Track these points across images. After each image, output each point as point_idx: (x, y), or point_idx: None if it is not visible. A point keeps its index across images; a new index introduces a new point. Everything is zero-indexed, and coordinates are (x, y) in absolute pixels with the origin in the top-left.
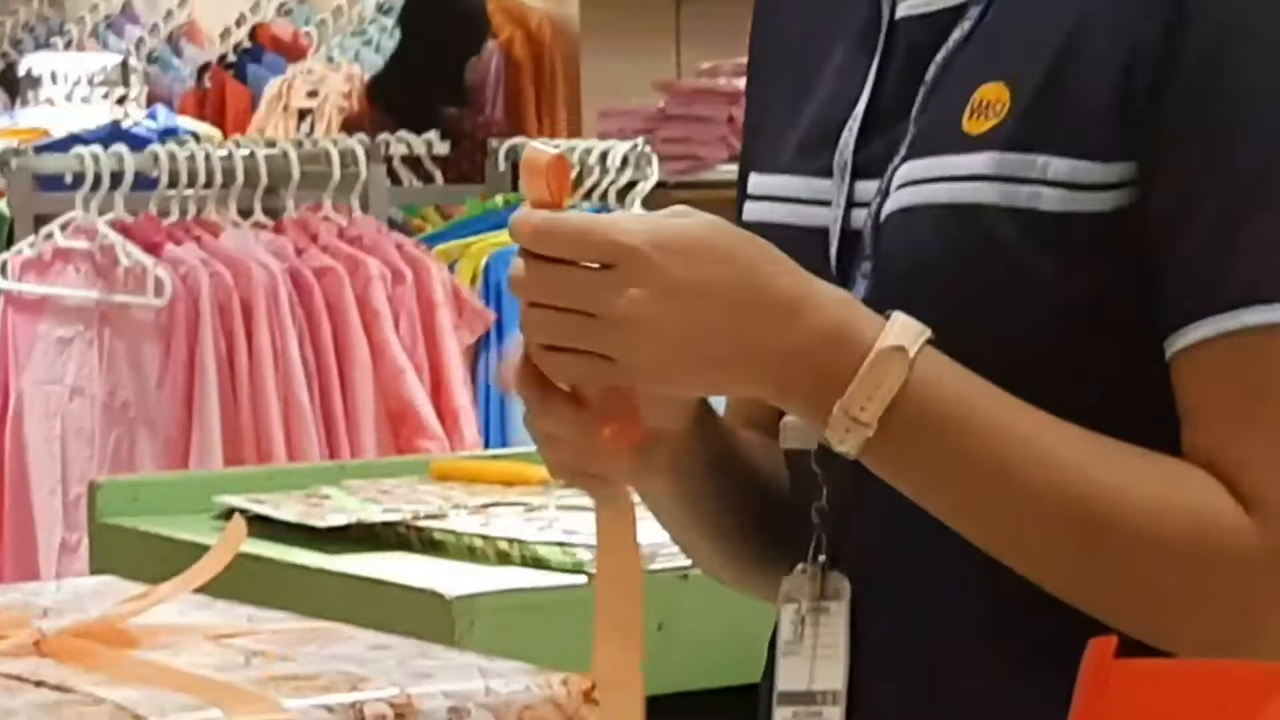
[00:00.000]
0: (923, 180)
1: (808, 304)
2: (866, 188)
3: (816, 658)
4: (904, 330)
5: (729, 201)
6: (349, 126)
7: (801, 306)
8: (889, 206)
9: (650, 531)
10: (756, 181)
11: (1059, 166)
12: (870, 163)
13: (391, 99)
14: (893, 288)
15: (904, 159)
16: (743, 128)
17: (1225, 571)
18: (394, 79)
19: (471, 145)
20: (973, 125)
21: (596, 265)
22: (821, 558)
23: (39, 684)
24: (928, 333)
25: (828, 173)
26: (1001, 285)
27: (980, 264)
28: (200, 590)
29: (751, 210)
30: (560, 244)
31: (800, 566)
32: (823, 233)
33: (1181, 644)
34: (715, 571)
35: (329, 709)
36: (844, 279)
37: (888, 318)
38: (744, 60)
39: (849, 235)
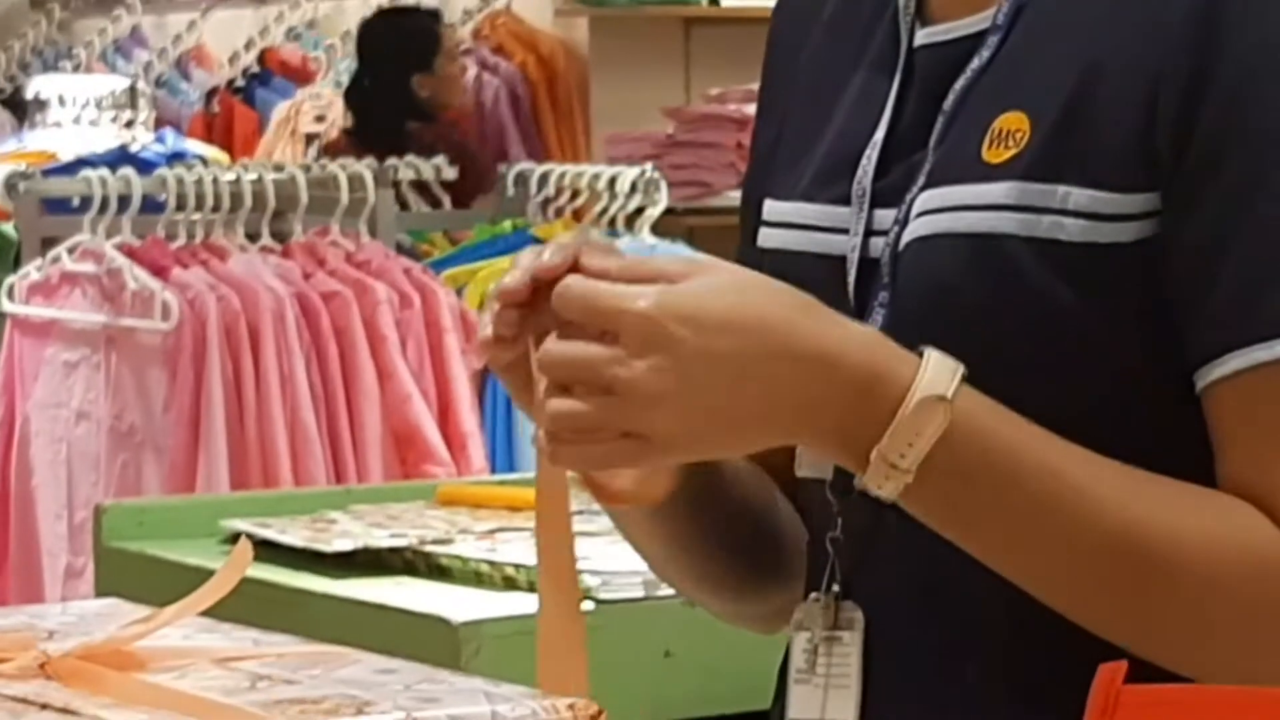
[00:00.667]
0: (942, 209)
1: (841, 352)
2: (885, 216)
3: (829, 687)
4: (939, 372)
5: (737, 228)
6: (328, 154)
7: (834, 356)
8: (907, 235)
9: None
10: (773, 208)
11: (1080, 197)
12: (889, 191)
13: (361, 124)
14: (911, 316)
15: (923, 188)
16: (750, 154)
17: (1277, 602)
18: (355, 104)
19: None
20: (992, 154)
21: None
22: (835, 587)
23: (44, 707)
24: (962, 369)
25: (845, 200)
26: (1020, 315)
27: (999, 293)
28: (206, 614)
29: (768, 236)
30: (568, 308)
31: (813, 595)
32: (840, 260)
33: (1231, 676)
34: (700, 602)
35: None
36: (861, 307)
37: (920, 354)
38: (753, 86)
39: (867, 263)
